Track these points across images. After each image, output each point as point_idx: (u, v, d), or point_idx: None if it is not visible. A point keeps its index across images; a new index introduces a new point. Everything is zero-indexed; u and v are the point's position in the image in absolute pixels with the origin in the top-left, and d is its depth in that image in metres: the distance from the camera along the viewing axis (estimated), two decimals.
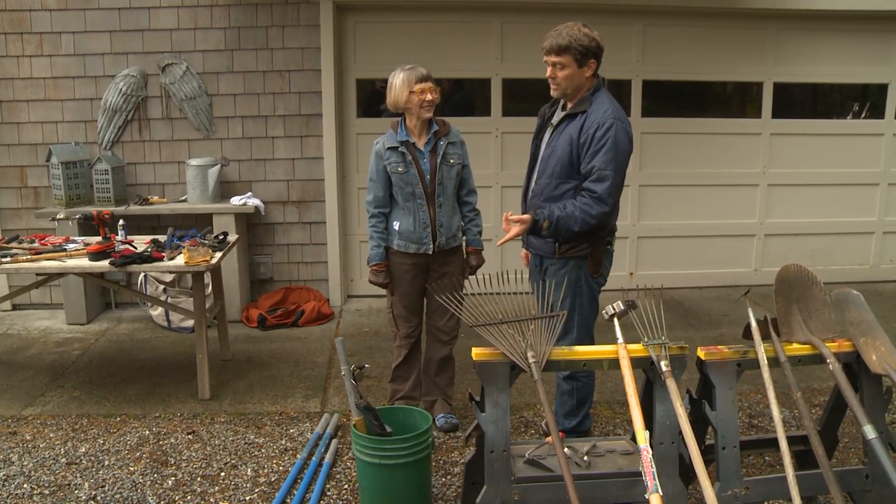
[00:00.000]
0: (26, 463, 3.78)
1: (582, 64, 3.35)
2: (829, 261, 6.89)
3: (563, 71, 3.38)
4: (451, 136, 3.95)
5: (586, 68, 3.38)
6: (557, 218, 3.26)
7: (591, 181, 3.29)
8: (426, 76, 3.85)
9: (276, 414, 4.34)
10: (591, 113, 3.34)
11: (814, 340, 2.90)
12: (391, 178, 3.90)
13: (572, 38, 3.30)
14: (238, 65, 6.06)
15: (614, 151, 3.26)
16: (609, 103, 3.38)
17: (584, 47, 3.31)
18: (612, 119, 3.28)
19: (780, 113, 6.71)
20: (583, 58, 3.34)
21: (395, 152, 3.87)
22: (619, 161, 3.29)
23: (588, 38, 3.32)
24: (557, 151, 3.44)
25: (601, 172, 3.26)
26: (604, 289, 6.07)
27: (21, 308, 6.34)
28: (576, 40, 3.30)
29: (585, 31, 3.33)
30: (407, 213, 3.92)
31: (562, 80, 3.41)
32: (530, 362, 2.71)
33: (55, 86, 6.04)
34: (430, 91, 3.81)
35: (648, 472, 2.44)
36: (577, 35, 3.31)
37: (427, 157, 3.88)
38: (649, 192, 6.71)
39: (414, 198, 3.89)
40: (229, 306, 5.68)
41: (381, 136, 3.97)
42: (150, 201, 6.03)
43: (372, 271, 4.03)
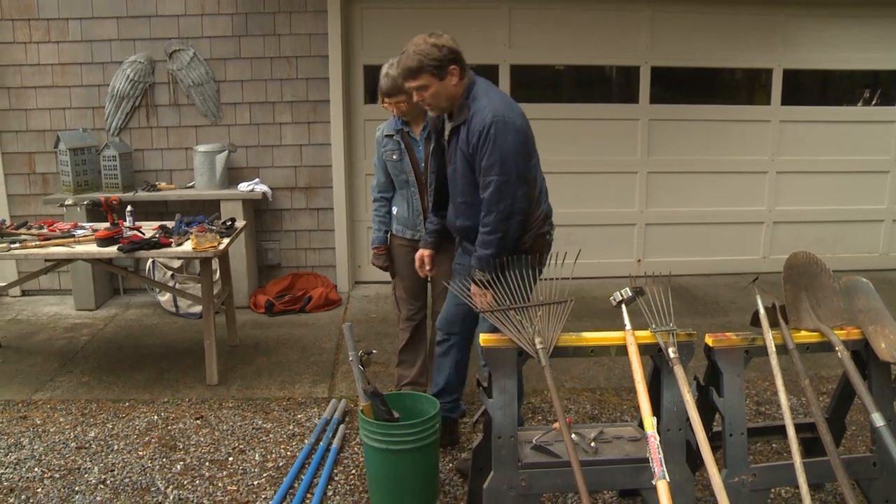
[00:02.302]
0: (37, 447, 3.81)
1: (442, 77, 3.14)
2: (837, 249, 6.86)
3: (427, 91, 3.18)
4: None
5: (449, 77, 3.16)
6: (478, 258, 3.14)
7: (482, 189, 3.16)
8: (391, 91, 3.69)
9: (283, 399, 4.35)
10: (471, 119, 3.15)
11: (822, 328, 2.90)
12: (387, 165, 3.94)
13: (421, 57, 3.10)
14: (245, 51, 6.05)
15: (497, 152, 3.08)
16: (486, 99, 3.16)
17: (436, 60, 3.11)
18: (491, 118, 3.09)
19: (789, 100, 6.67)
20: (440, 70, 3.13)
21: (392, 140, 3.89)
22: (504, 159, 3.09)
23: (437, 49, 3.11)
24: (458, 168, 3.28)
25: (484, 179, 3.13)
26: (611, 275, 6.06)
27: (30, 294, 6.37)
28: (426, 56, 3.10)
29: (432, 41, 3.12)
30: (402, 200, 3.97)
31: (432, 100, 3.22)
32: (538, 348, 2.71)
33: (63, 72, 6.04)
34: (395, 106, 3.76)
35: (656, 459, 2.44)
36: (425, 50, 3.11)
37: (421, 146, 3.87)
38: (657, 179, 6.68)
39: (408, 185, 3.91)
40: (237, 292, 5.69)
41: (383, 123, 3.99)
42: (158, 187, 6.04)
43: (373, 254, 4.10)
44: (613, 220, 6.73)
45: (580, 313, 5.49)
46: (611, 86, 6.92)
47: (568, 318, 2.84)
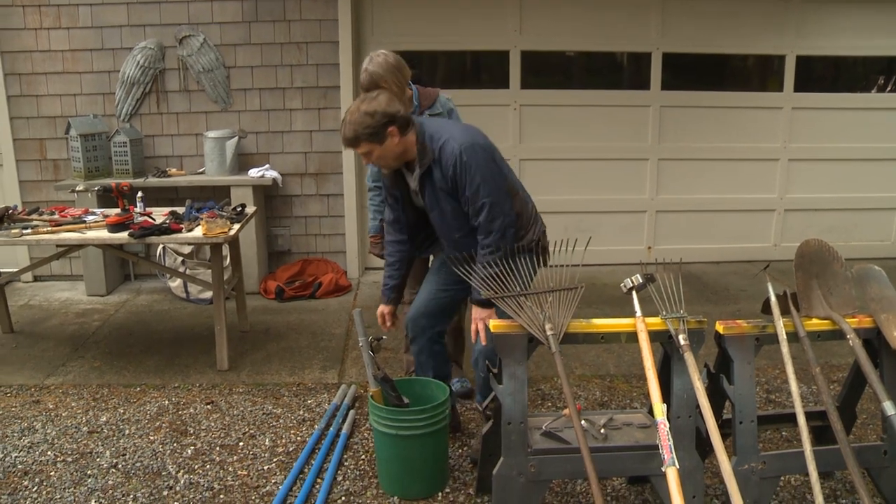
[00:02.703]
0: (49, 431, 3.84)
1: (382, 140, 3.10)
2: (849, 236, 6.83)
3: (373, 155, 3.16)
4: (435, 108, 3.93)
5: (389, 139, 3.10)
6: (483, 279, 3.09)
7: (473, 217, 3.16)
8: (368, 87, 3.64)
9: (293, 385, 4.37)
10: (439, 157, 3.14)
11: (834, 316, 2.88)
12: None
13: (355, 127, 3.08)
14: (255, 37, 6.04)
15: (478, 176, 3.08)
16: (445, 133, 3.16)
17: (370, 128, 3.07)
18: (458, 147, 3.08)
19: (802, 87, 6.62)
20: (377, 136, 3.09)
21: None
22: (486, 180, 3.09)
23: (370, 116, 3.06)
24: (445, 208, 3.24)
25: (474, 206, 3.11)
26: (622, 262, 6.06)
27: (42, 279, 6.40)
28: (359, 126, 3.07)
29: (364, 109, 3.07)
30: None
31: (380, 160, 3.21)
32: (548, 335, 2.71)
33: (73, 58, 6.04)
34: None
35: (665, 446, 2.44)
36: (358, 120, 3.07)
37: None
38: (668, 165, 6.66)
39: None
40: (247, 278, 5.70)
41: None
42: (169, 173, 6.05)
43: (370, 243, 4.16)
44: (624, 206, 6.71)
45: (590, 300, 5.49)
46: (622, 72, 6.89)
47: (578, 305, 2.84)
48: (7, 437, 3.79)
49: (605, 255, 6.34)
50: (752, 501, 2.73)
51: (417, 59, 6.46)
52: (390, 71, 3.72)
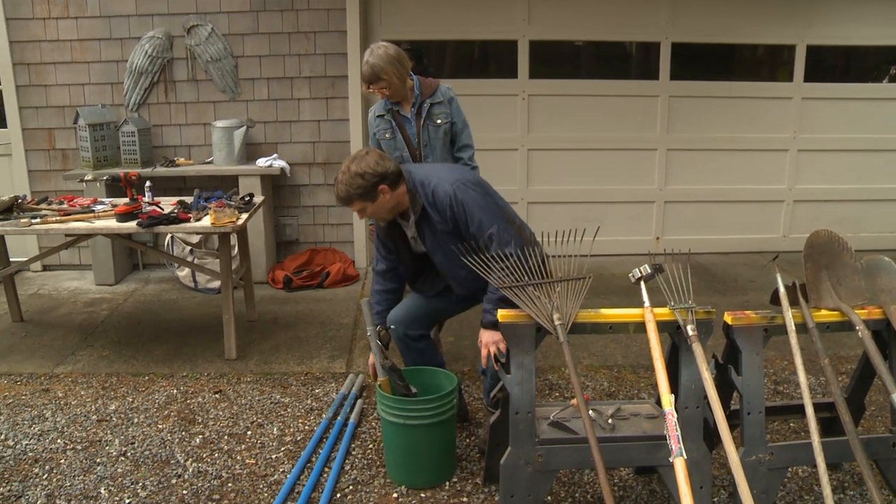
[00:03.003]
0: (59, 419, 3.86)
1: (374, 198, 3.16)
2: (859, 228, 6.78)
3: (367, 211, 3.22)
4: (436, 97, 4.00)
5: (381, 196, 3.17)
6: (499, 300, 3.06)
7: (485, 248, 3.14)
8: (370, 79, 3.84)
9: (301, 374, 4.38)
10: (433, 201, 3.18)
11: (843, 307, 2.87)
12: (380, 144, 4.06)
13: (347, 188, 3.13)
14: (263, 26, 6.03)
15: (476, 211, 3.10)
16: (432, 177, 3.22)
17: (361, 188, 3.12)
18: (450, 188, 3.14)
19: (812, 77, 6.56)
20: (369, 194, 3.15)
21: (383, 120, 4.04)
22: (485, 211, 3.12)
23: (361, 177, 3.11)
24: (447, 247, 3.25)
25: (483, 239, 3.10)
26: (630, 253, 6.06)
27: (51, 269, 6.43)
28: (351, 187, 3.13)
29: (354, 169, 3.12)
30: None
31: (374, 215, 3.28)
32: (556, 324, 2.71)
33: (81, 48, 6.05)
34: (378, 91, 3.90)
35: (673, 436, 2.44)
36: (349, 181, 3.12)
37: (413, 121, 4.01)
38: (677, 156, 6.63)
39: (403, 161, 3.98)
40: (255, 267, 5.71)
41: (375, 105, 4.12)
42: (177, 163, 6.05)
43: (370, 230, 4.23)
44: (632, 197, 6.69)
45: (598, 290, 5.47)
46: (631, 62, 6.86)
47: (586, 296, 2.84)
48: (17, 424, 3.81)
49: (613, 245, 6.34)
50: (760, 492, 2.73)
51: (425, 49, 6.48)
52: (391, 62, 3.81)
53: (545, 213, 6.51)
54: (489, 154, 6.31)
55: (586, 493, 3.18)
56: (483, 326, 3.15)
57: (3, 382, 4.31)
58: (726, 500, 3.11)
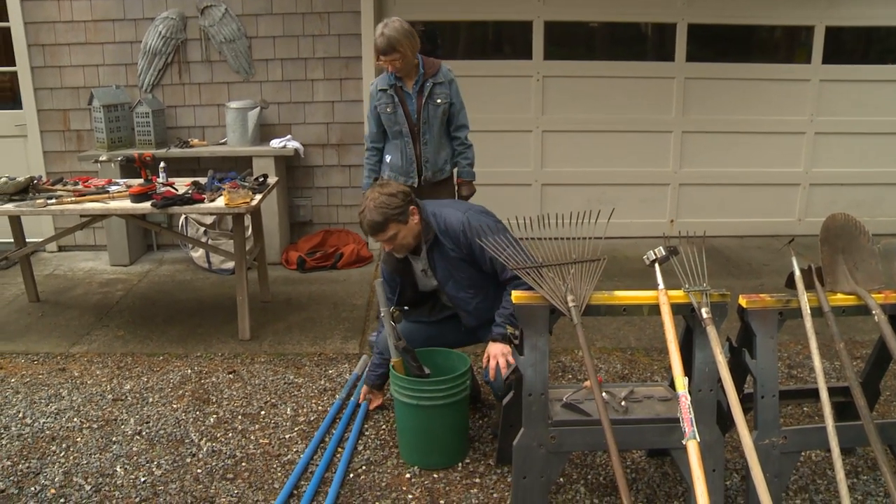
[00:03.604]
0: (75, 398, 3.89)
1: (407, 219, 3.21)
2: (876, 211, 6.73)
3: (397, 239, 3.23)
4: (438, 77, 4.19)
5: (411, 217, 3.23)
6: (511, 315, 3.11)
7: (500, 273, 3.20)
8: (385, 50, 3.98)
9: (315, 355, 4.40)
10: (444, 231, 3.23)
11: (859, 291, 2.85)
12: (381, 117, 4.25)
13: (385, 211, 3.15)
14: (277, 6, 6.01)
15: (490, 238, 3.06)
16: (442, 210, 3.28)
17: (398, 209, 3.16)
18: (463, 217, 3.21)
19: (830, 58, 6.49)
20: (403, 215, 3.19)
21: (385, 94, 4.20)
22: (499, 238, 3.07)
23: (393, 198, 3.16)
24: (459, 275, 3.29)
25: (498, 264, 3.08)
26: (644, 236, 6.03)
27: (66, 249, 6.47)
28: (389, 209, 3.15)
29: (387, 191, 3.17)
30: (396, 149, 4.31)
31: (402, 240, 3.25)
32: (570, 306, 2.70)
33: (95, 29, 6.05)
34: (391, 63, 4.05)
35: (686, 419, 2.44)
36: (387, 202, 3.15)
37: (414, 98, 4.19)
38: (692, 138, 6.58)
39: (401, 136, 4.25)
40: (269, 248, 5.73)
41: (377, 78, 4.28)
42: (191, 144, 6.07)
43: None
44: (647, 179, 6.66)
45: (612, 273, 5.46)
46: (646, 43, 6.79)
47: (600, 278, 2.83)
48: (35, 403, 3.85)
49: (627, 227, 6.31)
50: (773, 476, 2.73)
51: (440, 30, 6.44)
52: (406, 35, 4.01)
53: (559, 195, 6.49)
54: (503, 135, 6.30)
55: (598, 476, 3.19)
56: (492, 339, 3.18)
57: (21, 362, 4.35)
58: (739, 483, 3.11)
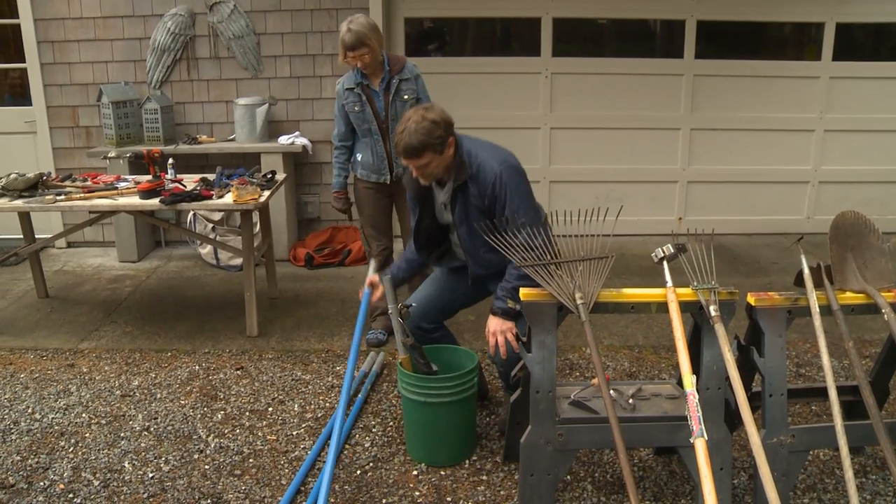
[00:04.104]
0: (84, 394, 3.91)
1: (444, 150, 3.09)
2: (886, 210, 6.68)
3: (429, 167, 3.11)
4: (404, 73, 4.21)
5: (448, 149, 3.11)
6: (513, 289, 3.05)
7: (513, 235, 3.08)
8: (353, 45, 3.99)
9: (322, 351, 4.40)
10: (477, 174, 3.13)
11: (869, 289, 2.84)
12: (349, 116, 4.25)
13: (424, 137, 3.01)
14: (286, 3, 6.01)
15: (517, 197, 3.07)
16: (482, 152, 3.16)
17: (438, 137, 3.04)
18: (499, 168, 3.08)
19: (841, 55, 6.45)
20: (442, 145, 3.07)
21: (352, 93, 4.19)
22: (524, 200, 3.09)
23: (436, 125, 3.03)
24: (474, 224, 3.19)
25: (515, 224, 3.03)
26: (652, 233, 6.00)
27: (75, 245, 6.49)
28: (429, 136, 3.02)
29: (431, 116, 3.04)
30: (366, 147, 4.30)
31: (433, 172, 3.15)
32: (578, 303, 2.70)
33: (104, 25, 6.06)
34: (359, 58, 4.04)
35: (694, 417, 2.44)
36: (429, 129, 3.02)
37: (381, 96, 4.19)
38: (701, 135, 6.56)
39: (371, 133, 4.25)
40: (277, 245, 5.74)
41: (343, 77, 4.27)
42: (199, 140, 6.07)
43: (334, 198, 4.55)
44: (655, 176, 6.63)
45: (620, 270, 5.45)
46: (655, 40, 6.77)
47: (608, 276, 2.82)
48: (44, 398, 3.86)
49: (635, 225, 6.29)
50: (781, 475, 2.72)
51: (448, 27, 6.44)
52: (373, 30, 4.05)
53: (567, 192, 6.47)
54: (511, 132, 6.28)
55: (606, 473, 3.19)
56: (492, 313, 3.11)
57: (30, 357, 4.36)
58: (746, 482, 3.10)
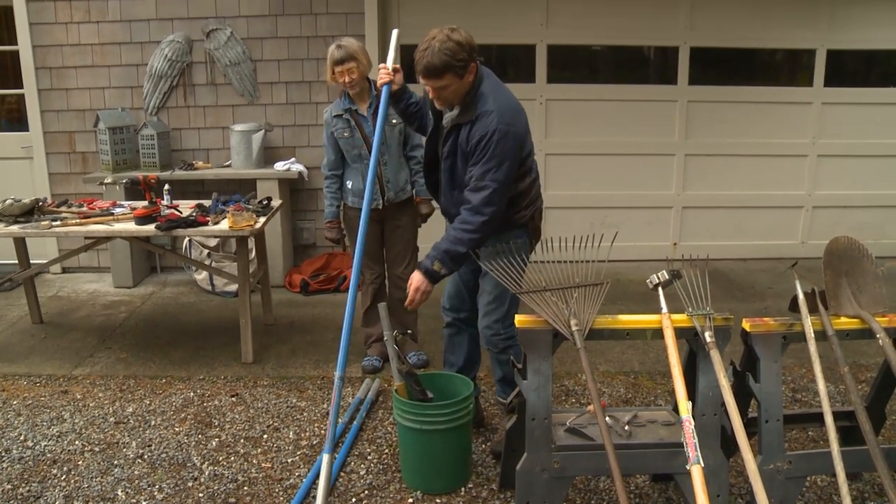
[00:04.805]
0: (77, 421, 3.89)
1: (464, 74, 3.04)
2: (879, 234, 6.72)
3: (447, 90, 3.07)
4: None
5: (468, 75, 3.06)
6: (445, 251, 3.09)
7: (469, 191, 3.10)
8: (342, 59, 4.04)
9: (318, 378, 4.39)
10: (475, 121, 3.08)
11: (863, 314, 2.85)
12: (339, 142, 4.27)
13: (447, 57, 2.95)
14: (282, 30, 6.06)
15: (496, 160, 3.03)
16: (493, 102, 3.08)
17: (461, 60, 2.99)
18: (495, 125, 3.02)
19: (832, 81, 6.52)
20: (464, 69, 3.02)
21: (341, 119, 4.23)
22: (500, 167, 3.04)
23: (461, 48, 2.98)
24: (458, 163, 3.22)
25: (478, 183, 3.06)
26: (648, 259, 6.00)
27: (70, 271, 6.48)
28: (452, 56, 2.96)
29: (456, 37, 2.98)
30: (356, 173, 4.31)
31: (449, 96, 3.11)
32: (573, 330, 2.70)
33: (102, 52, 6.10)
34: (347, 73, 4.08)
35: (690, 443, 2.43)
36: (450, 48, 2.96)
37: (370, 120, 4.19)
38: (695, 161, 6.59)
39: (361, 159, 4.25)
40: (272, 271, 5.73)
41: (330, 105, 4.32)
42: (195, 166, 6.09)
43: (327, 227, 4.52)
44: (650, 202, 6.66)
45: (615, 296, 5.44)
46: (649, 66, 6.83)
47: (603, 301, 2.82)
48: (36, 426, 3.84)
49: (630, 250, 6.30)
50: (777, 501, 2.71)
51: None
52: (362, 50, 4.13)
53: (563, 217, 6.48)
54: None
55: (602, 501, 3.17)
56: (417, 267, 3.18)
57: (23, 384, 4.34)
58: None
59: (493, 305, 3.36)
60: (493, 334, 3.39)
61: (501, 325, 3.36)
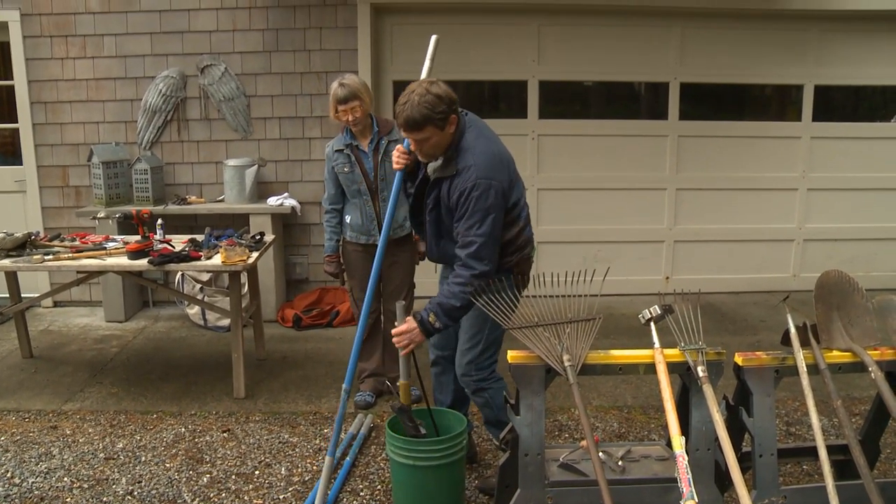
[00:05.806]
0: (66, 457, 3.85)
1: (444, 126, 3.04)
2: (870, 267, 6.76)
3: (429, 142, 3.07)
4: (392, 134, 4.25)
5: (448, 126, 3.06)
6: (438, 304, 3.09)
7: (458, 247, 3.11)
8: (346, 98, 4.07)
9: (310, 414, 4.36)
10: (456, 177, 3.08)
11: (855, 348, 2.85)
12: (339, 177, 4.28)
13: (427, 111, 2.97)
14: (276, 66, 6.11)
15: (478, 215, 3.03)
16: (472, 156, 3.07)
17: (441, 113, 2.99)
18: (474, 180, 3.01)
19: (820, 116, 6.60)
20: (444, 121, 3.02)
21: (342, 154, 4.25)
22: (485, 221, 3.03)
23: (440, 100, 2.99)
24: (442, 216, 3.24)
25: (464, 239, 3.07)
26: (640, 293, 6.01)
27: (62, 305, 6.45)
28: (433, 110, 2.97)
29: (435, 90, 3.00)
30: (355, 208, 4.32)
31: (430, 150, 3.11)
32: (566, 365, 2.70)
33: (97, 87, 6.14)
34: (350, 112, 4.10)
35: (684, 479, 2.42)
36: (430, 101, 2.97)
37: (370, 157, 4.23)
38: (686, 195, 6.64)
39: (360, 194, 4.27)
40: (265, 306, 5.72)
41: (332, 140, 4.35)
42: (188, 201, 6.10)
43: (325, 262, 4.50)
44: (642, 236, 6.69)
45: (608, 331, 5.45)
46: (640, 102, 6.91)
47: (595, 336, 2.83)
48: (24, 462, 3.80)
49: (622, 285, 6.32)
50: None
51: None
52: (364, 87, 4.16)
53: (555, 252, 6.50)
54: None
55: None
56: (413, 316, 3.14)
57: (12, 419, 4.30)
58: None
59: (466, 345, 3.34)
60: (464, 374, 3.38)
61: (473, 367, 3.34)
